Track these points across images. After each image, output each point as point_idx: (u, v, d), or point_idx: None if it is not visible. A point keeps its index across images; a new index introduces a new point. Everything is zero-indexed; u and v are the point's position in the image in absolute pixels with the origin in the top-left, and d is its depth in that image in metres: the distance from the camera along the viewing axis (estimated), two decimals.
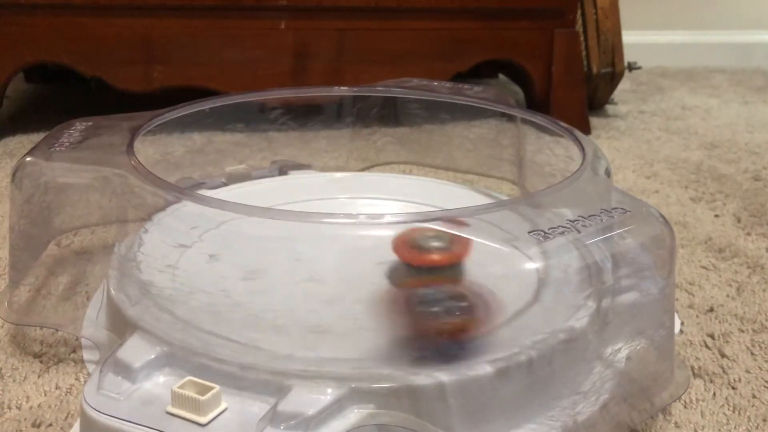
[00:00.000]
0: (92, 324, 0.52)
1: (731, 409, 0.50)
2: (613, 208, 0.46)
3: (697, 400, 0.51)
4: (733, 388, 0.53)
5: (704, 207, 0.88)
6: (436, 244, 0.47)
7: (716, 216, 0.85)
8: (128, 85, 1.04)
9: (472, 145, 0.79)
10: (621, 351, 0.45)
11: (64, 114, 1.14)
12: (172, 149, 0.71)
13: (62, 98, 1.29)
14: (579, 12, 1.21)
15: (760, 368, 0.55)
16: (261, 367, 0.41)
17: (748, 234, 0.80)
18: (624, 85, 1.45)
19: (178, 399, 0.39)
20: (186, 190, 0.49)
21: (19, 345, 0.55)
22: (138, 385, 0.41)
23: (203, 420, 0.38)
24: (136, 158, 0.51)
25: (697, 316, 0.63)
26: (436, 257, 0.47)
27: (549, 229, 0.43)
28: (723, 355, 0.57)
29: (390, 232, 0.47)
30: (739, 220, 0.84)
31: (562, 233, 0.43)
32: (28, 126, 1.10)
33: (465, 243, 0.47)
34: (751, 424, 0.49)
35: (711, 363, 0.56)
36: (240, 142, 0.78)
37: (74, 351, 0.54)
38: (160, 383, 0.41)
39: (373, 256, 0.48)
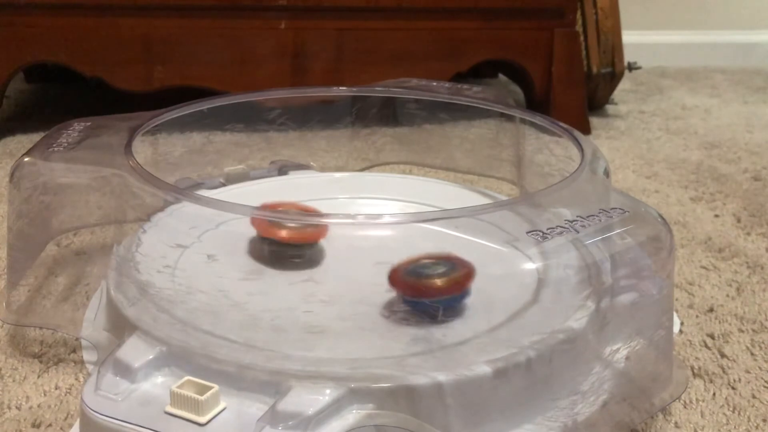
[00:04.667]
0: (91, 324, 0.52)
1: (731, 409, 0.50)
2: (611, 209, 0.46)
3: (697, 400, 0.51)
4: (733, 388, 0.53)
5: (704, 207, 0.88)
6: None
7: (716, 216, 0.85)
8: (128, 85, 1.04)
9: (471, 145, 0.79)
10: (620, 351, 0.45)
11: (64, 114, 1.14)
12: (171, 149, 0.71)
13: (62, 98, 1.29)
14: (579, 12, 1.21)
15: (760, 368, 0.55)
16: (259, 368, 0.41)
17: (748, 234, 0.80)
18: (624, 85, 1.45)
19: (177, 399, 0.39)
20: (184, 191, 0.49)
21: (19, 345, 0.55)
22: (137, 385, 0.41)
23: (202, 420, 0.38)
24: (135, 158, 0.51)
25: (697, 316, 0.63)
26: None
27: (548, 230, 0.43)
28: (723, 355, 0.57)
29: (390, 232, 0.47)
30: (739, 220, 0.84)
31: (561, 233, 0.43)
32: (28, 126, 1.10)
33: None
34: (751, 424, 0.49)
35: (711, 363, 0.56)
36: (239, 142, 0.78)
37: (74, 351, 0.54)
38: (159, 383, 0.41)
39: (372, 256, 0.48)
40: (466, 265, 0.46)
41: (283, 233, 0.49)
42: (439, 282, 0.45)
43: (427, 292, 0.45)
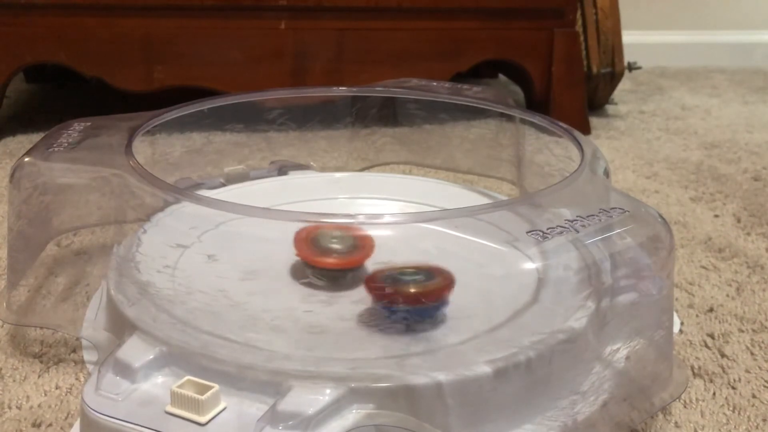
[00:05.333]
0: (91, 324, 0.52)
1: (731, 409, 0.50)
2: (611, 209, 0.46)
3: (697, 400, 0.51)
4: (733, 388, 0.53)
5: (704, 207, 0.88)
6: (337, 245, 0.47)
7: (716, 216, 0.85)
8: (128, 85, 1.04)
9: (471, 145, 0.79)
10: (620, 351, 0.45)
11: (64, 114, 1.14)
12: (170, 149, 0.71)
13: (62, 98, 1.29)
14: (579, 12, 1.21)
15: (760, 368, 0.55)
16: (259, 368, 0.41)
17: (748, 234, 0.80)
18: (624, 85, 1.45)
19: (177, 398, 0.39)
20: (184, 191, 0.49)
21: (19, 345, 0.55)
22: (137, 385, 0.41)
23: (203, 419, 0.38)
24: (135, 159, 0.51)
25: (697, 316, 0.63)
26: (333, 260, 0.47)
27: (548, 229, 0.43)
28: (723, 355, 0.57)
29: (390, 232, 0.47)
30: (739, 220, 0.84)
31: (561, 233, 0.43)
32: (28, 126, 1.10)
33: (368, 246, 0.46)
34: (751, 424, 0.49)
35: (711, 363, 0.56)
36: (239, 142, 0.78)
37: (74, 351, 0.54)
38: (159, 383, 0.41)
39: (371, 256, 0.48)
40: (445, 276, 0.46)
41: (330, 260, 0.49)
42: (413, 289, 0.45)
43: (402, 300, 0.45)
